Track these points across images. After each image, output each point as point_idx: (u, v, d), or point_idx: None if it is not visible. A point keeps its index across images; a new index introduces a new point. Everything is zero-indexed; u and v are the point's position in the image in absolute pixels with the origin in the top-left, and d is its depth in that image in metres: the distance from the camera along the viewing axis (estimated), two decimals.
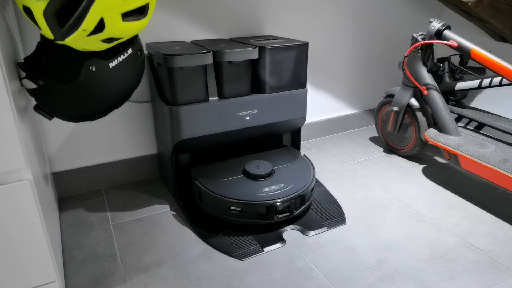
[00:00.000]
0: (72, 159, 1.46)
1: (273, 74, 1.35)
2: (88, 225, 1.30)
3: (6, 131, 0.73)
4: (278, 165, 1.41)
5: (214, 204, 1.24)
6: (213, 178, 1.31)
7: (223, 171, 1.36)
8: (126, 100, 1.03)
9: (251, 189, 1.25)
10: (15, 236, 0.81)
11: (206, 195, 1.25)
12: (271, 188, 1.26)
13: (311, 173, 1.37)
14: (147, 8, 0.86)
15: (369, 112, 2.14)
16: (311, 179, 1.33)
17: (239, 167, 1.38)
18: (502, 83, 1.52)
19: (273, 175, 1.34)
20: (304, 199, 1.28)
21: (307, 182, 1.31)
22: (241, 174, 1.34)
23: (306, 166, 1.41)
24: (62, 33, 0.77)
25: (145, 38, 1.43)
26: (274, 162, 1.43)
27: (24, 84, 0.87)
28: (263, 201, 1.20)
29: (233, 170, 1.36)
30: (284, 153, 1.50)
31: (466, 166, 1.41)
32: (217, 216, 1.25)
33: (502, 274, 1.08)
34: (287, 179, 1.32)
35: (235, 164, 1.41)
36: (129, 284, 1.05)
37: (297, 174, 1.35)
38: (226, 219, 1.24)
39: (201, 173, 1.34)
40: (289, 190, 1.25)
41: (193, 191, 1.33)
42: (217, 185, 1.27)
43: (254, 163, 1.37)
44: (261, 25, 1.64)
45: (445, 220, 1.32)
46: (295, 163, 1.43)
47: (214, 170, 1.36)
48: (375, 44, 2.00)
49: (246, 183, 1.29)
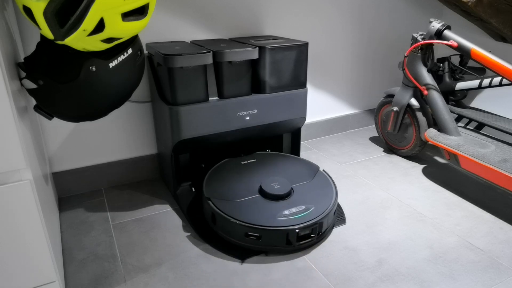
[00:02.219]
0: (72, 159, 1.46)
1: (273, 74, 1.35)
2: (88, 225, 1.30)
3: (6, 131, 0.73)
4: (296, 182, 1.31)
5: (229, 228, 1.14)
6: (228, 198, 1.21)
7: (238, 190, 1.25)
8: (126, 100, 1.03)
9: (269, 212, 1.15)
10: (15, 236, 0.81)
11: (220, 218, 1.15)
12: (291, 211, 1.16)
13: (333, 193, 1.26)
14: (147, 8, 0.86)
15: (369, 112, 2.14)
16: (334, 199, 1.23)
17: (254, 185, 1.28)
18: (502, 83, 1.52)
19: (292, 195, 1.24)
20: (328, 222, 1.19)
21: (329, 203, 1.21)
22: (257, 193, 1.24)
23: (327, 184, 1.31)
24: (62, 33, 0.77)
25: (145, 38, 1.43)
26: (292, 179, 1.33)
27: (24, 84, 0.87)
28: (284, 227, 1.10)
29: (248, 189, 1.26)
30: (302, 168, 1.40)
31: (466, 166, 1.41)
32: (232, 241, 1.16)
33: (502, 274, 1.08)
34: (308, 200, 1.22)
35: (250, 180, 1.30)
36: (129, 284, 1.05)
37: (318, 194, 1.25)
38: (243, 245, 1.15)
39: (214, 192, 1.24)
40: (311, 214, 1.15)
41: (206, 211, 1.24)
42: (232, 207, 1.17)
43: (271, 181, 1.27)
44: (261, 25, 1.64)
45: (445, 220, 1.32)
46: (314, 180, 1.32)
47: (228, 188, 1.26)
48: (375, 44, 2.00)
49: (263, 204, 1.19)
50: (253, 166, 1.40)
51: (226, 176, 1.33)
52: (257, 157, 1.45)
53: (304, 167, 1.41)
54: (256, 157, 1.45)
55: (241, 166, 1.39)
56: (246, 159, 1.43)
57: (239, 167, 1.39)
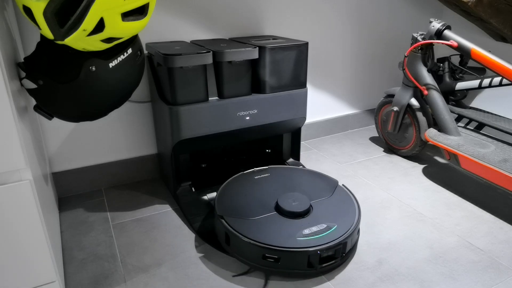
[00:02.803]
0: (72, 159, 1.46)
1: (273, 74, 1.35)
2: (88, 225, 1.30)
3: (6, 131, 0.73)
4: (315, 198, 1.22)
5: (245, 249, 1.06)
6: (242, 216, 1.13)
7: (253, 207, 1.17)
8: (126, 100, 1.03)
9: (288, 232, 1.07)
10: (15, 236, 0.81)
11: (235, 239, 1.07)
12: (312, 230, 1.07)
13: (356, 209, 1.18)
14: (147, 8, 0.86)
15: (369, 112, 2.14)
16: (357, 216, 1.14)
17: (270, 201, 1.20)
18: (502, 83, 1.52)
19: (311, 212, 1.15)
20: (352, 242, 1.11)
21: (353, 221, 1.12)
22: (273, 210, 1.16)
23: (348, 199, 1.22)
24: (62, 33, 0.77)
25: (145, 38, 1.43)
26: (309, 194, 1.24)
27: (24, 84, 0.87)
28: (305, 248, 1.01)
29: (263, 206, 1.17)
30: (320, 182, 1.31)
31: (466, 166, 1.41)
32: (248, 263, 1.07)
33: (502, 274, 1.08)
34: (329, 217, 1.13)
35: (265, 197, 1.22)
36: (129, 284, 1.05)
37: (339, 210, 1.17)
38: (260, 268, 1.06)
39: (227, 209, 1.15)
40: (333, 233, 1.06)
41: (218, 231, 1.16)
42: (248, 226, 1.09)
43: (288, 197, 1.19)
44: (261, 25, 1.64)
45: (445, 220, 1.32)
46: (334, 195, 1.24)
47: (242, 205, 1.18)
48: (375, 44, 2.00)
49: (281, 222, 1.11)
50: (267, 181, 1.31)
51: (239, 192, 1.25)
52: (270, 171, 1.37)
53: (322, 181, 1.32)
54: (269, 171, 1.36)
55: (254, 181, 1.31)
56: (259, 173, 1.35)
57: (252, 182, 1.30)
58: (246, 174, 1.35)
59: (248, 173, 1.35)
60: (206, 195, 1.38)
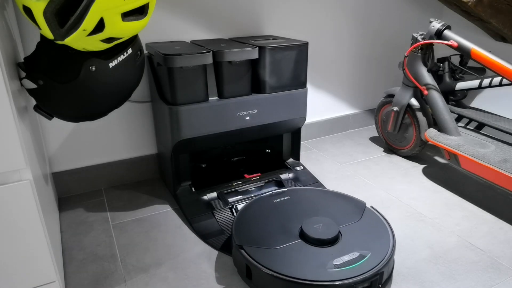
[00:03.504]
0: (72, 159, 1.46)
1: (273, 74, 1.35)
2: (88, 225, 1.30)
3: (6, 131, 0.73)
4: (342, 222, 1.12)
5: (270, 284, 0.95)
6: (264, 245, 1.03)
7: (275, 234, 1.07)
8: (126, 100, 1.03)
9: (316, 262, 0.97)
10: (15, 236, 0.81)
11: (257, 272, 0.96)
12: (344, 260, 0.97)
13: (389, 233, 1.08)
14: (147, 8, 0.86)
15: (369, 112, 2.14)
16: (392, 242, 1.04)
17: (293, 227, 1.10)
18: (502, 83, 1.52)
19: (340, 239, 1.05)
20: (388, 272, 1.01)
21: (387, 247, 1.02)
22: (298, 237, 1.06)
23: (379, 222, 1.12)
24: (62, 33, 0.77)
25: (145, 38, 1.43)
26: (336, 218, 1.14)
27: (24, 84, 0.87)
28: (338, 282, 0.90)
29: (287, 233, 1.07)
30: (346, 205, 1.22)
31: (466, 166, 1.41)
32: None
33: (502, 274, 1.08)
34: (361, 244, 1.03)
35: (288, 222, 1.13)
36: (129, 284, 1.05)
37: (371, 236, 1.06)
38: None
39: (247, 238, 1.05)
40: (368, 262, 0.96)
41: (238, 263, 1.05)
42: (270, 256, 0.98)
43: (313, 222, 1.09)
44: (261, 25, 1.64)
45: (445, 220, 1.32)
46: (363, 218, 1.14)
47: (263, 233, 1.08)
48: (375, 44, 2.00)
49: (307, 252, 1.00)
50: (287, 205, 1.22)
51: (258, 218, 1.15)
52: (290, 193, 1.29)
53: (348, 203, 1.22)
54: (289, 194, 1.28)
55: (273, 205, 1.22)
56: (278, 196, 1.27)
57: (272, 206, 1.21)
58: (264, 197, 1.26)
59: (266, 197, 1.27)
60: (206, 195, 1.38)
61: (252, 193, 1.41)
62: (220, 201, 1.35)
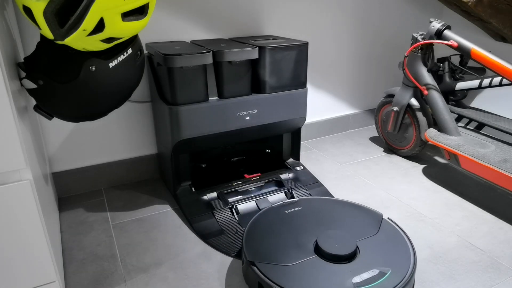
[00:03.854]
0: (72, 159, 1.46)
1: (273, 74, 1.35)
2: (88, 225, 1.30)
3: (6, 131, 0.73)
4: (359, 236, 1.06)
5: None
6: (277, 261, 0.97)
7: (288, 249, 1.01)
8: (126, 100, 1.03)
9: (334, 281, 0.91)
10: (15, 236, 0.81)
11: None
12: (363, 278, 0.91)
13: (409, 248, 1.02)
14: (147, 8, 0.86)
15: (369, 112, 2.14)
16: (413, 257, 0.99)
17: (307, 241, 1.04)
18: (502, 83, 1.52)
19: (359, 255, 0.99)
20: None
21: (409, 263, 0.96)
22: (313, 253, 1.00)
23: (397, 235, 1.06)
24: (62, 33, 0.77)
25: (145, 38, 1.43)
26: (352, 232, 1.08)
27: (24, 84, 0.87)
28: None
29: (300, 247, 1.02)
30: (361, 217, 1.15)
31: (466, 166, 1.41)
32: None
33: (502, 274, 1.08)
34: (380, 260, 0.97)
35: (301, 236, 1.07)
36: (129, 284, 1.05)
37: (391, 251, 1.00)
38: None
39: (258, 254, 0.99)
40: (389, 281, 0.90)
41: (249, 281, 1.00)
42: (284, 273, 0.93)
43: (328, 236, 1.03)
44: (261, 25, 1.64)
45: (445, 220, 1.32)
46: (380, 231, 1.08)
47: (275, 247, 1.02)
48: (375, 44, 2.00)
49: (324, 268, 0.94)
50: (299, 216, 1.16)
51: (270, 230, 1.09)
52: (302, 204, 1.23)
53: (363, 214, 1.16)
54: (301, 204, 1.22)
55: (285, 216, 1.16)
56: (289, 207, 1.21)
57: (283, 217, 1.16)
58: (275, 208, 1.20)
59: (277, 207, 1.21)
60: (206, 195, 1.38)
61: (252, 193, 1.41)
62: (220, 201, 1.35)
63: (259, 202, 1.37)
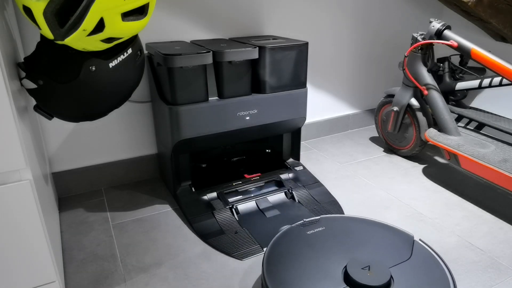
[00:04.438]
0: (72, 159, 1.46)
1: (273, 74, 1.35)
2: (88, 225, 1.30)
3: (6, 131, 0.73)
4: (392, 262, 0.96)
5: None
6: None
7: (314, 277, 0.92)
8: (126, 100, 1.03)
9: None
10: (15, 236, 0.81)
11: None
12: None
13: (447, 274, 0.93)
14: (147, 8, 0.86)
15: (369, 112, 2.14)
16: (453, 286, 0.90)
17: (334, 267, 0.94)
18: (502, 83, 1.52)
19: (393, 285, 0.89)
20: None
21: None
22: (343, 282, 0.90)
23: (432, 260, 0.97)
24: (62, 33, 0.77)
25: (145, 38, 1.43)
26: (383, 256, 0.98)
27: (24, 84, 0.87)
28: None
29: (328, 275, 0.92)
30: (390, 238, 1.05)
31: (466, 166, 1.41)
32: None
33: (502, 274, 1.08)
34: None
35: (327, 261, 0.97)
36: (129, 284, 1.05)
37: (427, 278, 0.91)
38: None
39: (281, 282, 0.90)
40: None
41: None
42: None
43: (358, 262, 0.93)
44: (261, 25, 1.64)
45: (445, 220, 1.32)
46: (414, 256, 0.98)
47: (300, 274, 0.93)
48: (375, 44, 2.00)
49: None
50: (323, 238, 1.06)
51: (292, 255, 0.99)
52: (324, 223, 1.12)
53: (394, 236, 1.05)
54: (323, 224, 1.12)
55: (307, 237, 1.06)
56: (311, 226, 1.12)
57: (306, 239, 1.06)
58: (295, 228, 1.10)
59: (298, 227, 1.10)
60: (206, 195, 1.38)
61: (252, 193, 1.42)
62: (220, 201, 1.35)
63: (259, 202, 1.37)
